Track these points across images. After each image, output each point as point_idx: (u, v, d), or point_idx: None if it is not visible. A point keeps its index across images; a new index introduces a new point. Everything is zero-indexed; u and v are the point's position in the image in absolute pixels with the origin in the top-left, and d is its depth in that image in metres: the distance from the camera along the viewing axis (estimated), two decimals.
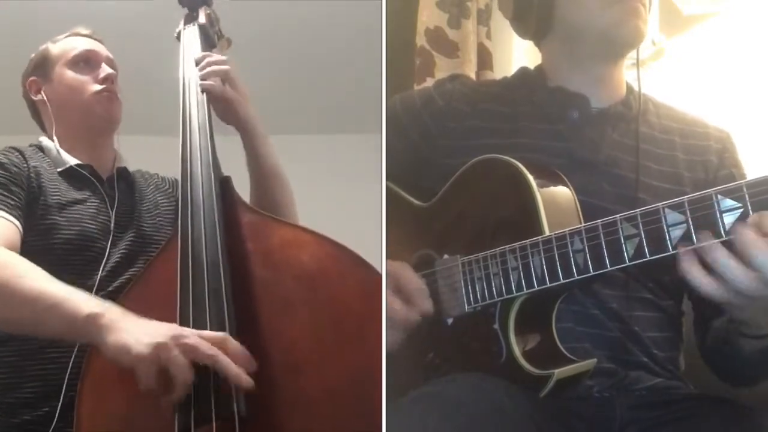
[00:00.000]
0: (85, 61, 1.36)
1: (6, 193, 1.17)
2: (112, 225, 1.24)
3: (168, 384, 0.84)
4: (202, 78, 1.23)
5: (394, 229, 1.11)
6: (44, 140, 1.36)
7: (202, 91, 1.22)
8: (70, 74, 1.35)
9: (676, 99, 1.32)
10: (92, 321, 0.90)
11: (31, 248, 1.15)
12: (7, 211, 1.15)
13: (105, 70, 1.35)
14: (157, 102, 1.40)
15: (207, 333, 0.89)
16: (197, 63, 1.26)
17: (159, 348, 0.84)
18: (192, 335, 0.87)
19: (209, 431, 0.83)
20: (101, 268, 1.18)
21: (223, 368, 0.84)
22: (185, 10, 1.43)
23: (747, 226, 0.79)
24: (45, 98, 1.36)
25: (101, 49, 1.40)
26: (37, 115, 1.41)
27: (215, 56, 1.28)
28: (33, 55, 1.41)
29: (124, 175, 1.37)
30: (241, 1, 1.81)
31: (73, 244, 1.19)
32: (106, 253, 1.20)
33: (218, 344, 0.87)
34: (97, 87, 1.33)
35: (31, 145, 1.34)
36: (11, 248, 1.10)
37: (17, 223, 1.16)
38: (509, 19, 1.25)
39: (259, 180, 1.31)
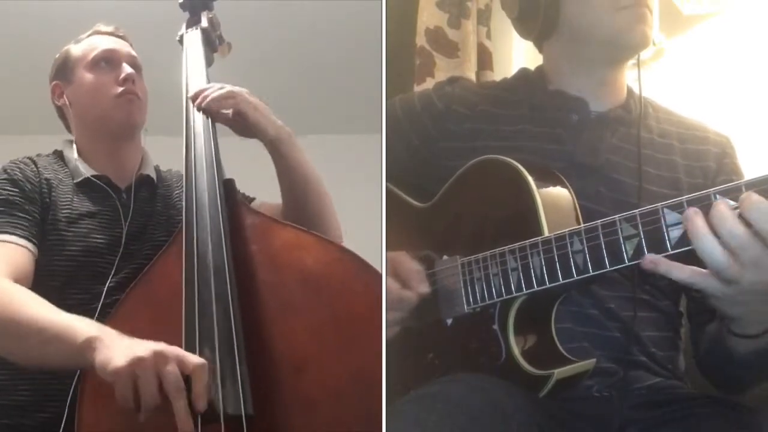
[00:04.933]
0: (106, 62, 1.31)
1: (20, 214, 1.16)
2: (124, 238, 1.21)
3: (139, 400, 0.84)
4: (206, 108, 1.21)
5: (394, 229, 1.11)
6: (65, 148, 1.32)
7: (207, 117, 1.20)
8: (89, 77, 1.31)
9: (677, 99, 1.32)
10: (88, 345, 0.90)
11: (37, 265, 1.14)
12: (20, 235, 1.13)
13: (125, 70, 1.29)
14: (161, 104, 1.39)
15: (191, 358, 0.87)
16: (193, 99, 1.23)
17: (137, 362, 0.84)
18: (173, 359, 0.85)
19: (217, 431, 0.83)
20: (108, 280, 1.15)
21: (176, 407, 0.83)
22: (187, 14, 1.43)
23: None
24: (67, 103, 1.33)
25: (122, 47, 1.34)
26: (64, 119, 1.38)
27: (210, 86, 1.24)
28: (57, 56, 1.38)
29: (146, 182, 1.33)
30: (241, 1, 1.82)
31: (77, 260, 1.17)
32: (114, 267, 1.17)
33: (194, 371, 0.85)
34: (117, 90, 1.28)
35: (54, 152, 1.32)
36: (22, 274, 1.10)
37: (29, 245, 1.14)
38: (513, 19, 1.24)
39: (293, 191, 1.26)
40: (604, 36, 1.12)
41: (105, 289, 1.14)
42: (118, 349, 0.87)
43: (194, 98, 1.22)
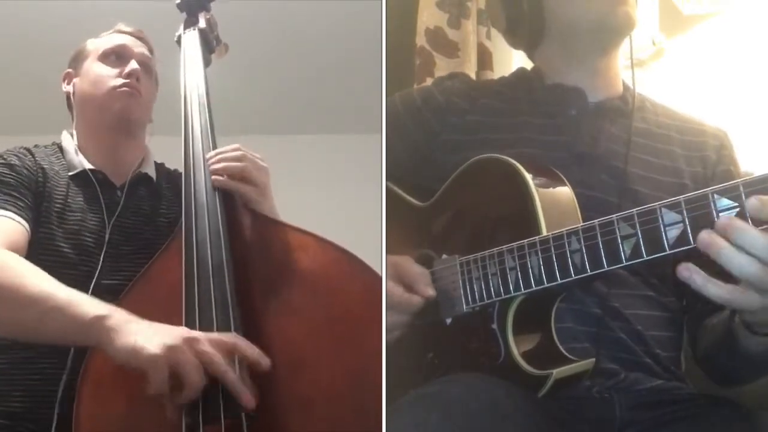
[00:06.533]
0: (117, 56, 1.31)
1: (17, 194, 1.15)
2: (107, 236, 1.19)
3: (177, 387, 0.83)
4: (213, 172, 1.12)
5: (394, 229, 1.11)
6: (65, 139, 1.31)
7: (213, 188, 1.10)
8: (96, 67, 1.31)
9: (677, 98, 1.33)
10: (98, 323, 0.89)
11: (26, 256, 1.11)
12: (17, 213, 1.13)
13: (131, 65, 1.29)
14: (163, 104, 1.39)
15: (216, 336, 0.88)
16: (208, 159, 1.14)
17: (172, 350, 0.83)
18: (204, 340, 0.86)
19: (218, 430, 0.83)
20: (93, 283, 1.13)
21: (229, 384, 0.83)
22: (184, 15, 1.43)
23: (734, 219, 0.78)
24: (71, 91, 1.33)
25: (135, 45, 1.34)
26: (71, 109, 1.36)
27: (229, 152, 1.15)
28: (76, 48, 1.38)
29: (145, 181, 1.31)
30: (241, 1, 1.82)
31: (65, 257, 1.15)
32: (98, 267, 1.15)
33: (229, 347, 0.86)
34: (118, 81, 1.27)
35: (53, 143, 1.31)
36: (17, 250, 1.07)
37: (26, 225, 1.13)
38: (502, 32, 1.27)
39: None
40: (590, 22, 1.14)
41: (90, 291, 1.10)
42: (142, 334, 0.86)
43: (209, 158, 1.15)
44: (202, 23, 1.40)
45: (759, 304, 0.79)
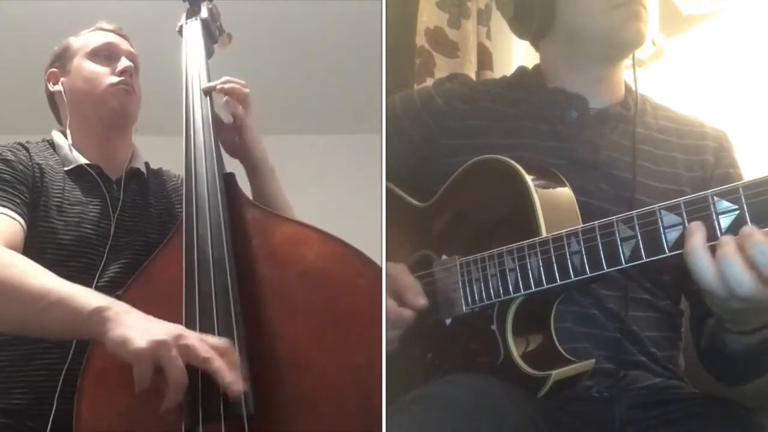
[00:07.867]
0: (105, 54, 1.34)
1: (12, 191, 1.16)
2: (112, 230, 1.21)
3: (164, 386, 0.83)
4: (225, 91, 1.25)
5: (394, 229, 1.11)
6: (56, 135, 1.33)
7: (225, 95, 1.24)
8: (87, 65, 1.33)
9: (676, 99, 1.32)
10: (97, 314, 0.89)
11: (26, 251, 1.11)
12: (12, 209, 1.14)
13: (123, 62, 1.32)
14: (160, 100, 1.39)
15: (211, 339, 0.88)
16: (209, 88, 1.26)
17: (158, 345, 0.83)
18: (194, 337, 0.86)
19: (217, 430, 0.83)
20: (97, 276, 1.15)
21: (215, 371, 0.83)
22: (186, 4, 1.43)
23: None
24: (62, 89, 1.34)
25: (122, 43, 1.37)
26: (55, 109, 1.39)
27: (236, 80, 1.27)
28: (56, 47, 1.39)
29: (137, 176, 1.34)
30: (241, 1, 1.82)
31: (68, 249, 1.17)
32: (103, 260, 1.17)
33: (221, 350, 0.86)
34: (114, 79, 1.30)
35: (43, 140, 1.32)
36: (14, 247, 1.08)
37: (22, 221, 1.14)
38: (508, 19, 1.26)
39: None
40: (600, 34, 1.13)
41: (95, 283, 1.13)
42: (134, 327, 0.86)
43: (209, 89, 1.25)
44: (204, 13, 1.39)
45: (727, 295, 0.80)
